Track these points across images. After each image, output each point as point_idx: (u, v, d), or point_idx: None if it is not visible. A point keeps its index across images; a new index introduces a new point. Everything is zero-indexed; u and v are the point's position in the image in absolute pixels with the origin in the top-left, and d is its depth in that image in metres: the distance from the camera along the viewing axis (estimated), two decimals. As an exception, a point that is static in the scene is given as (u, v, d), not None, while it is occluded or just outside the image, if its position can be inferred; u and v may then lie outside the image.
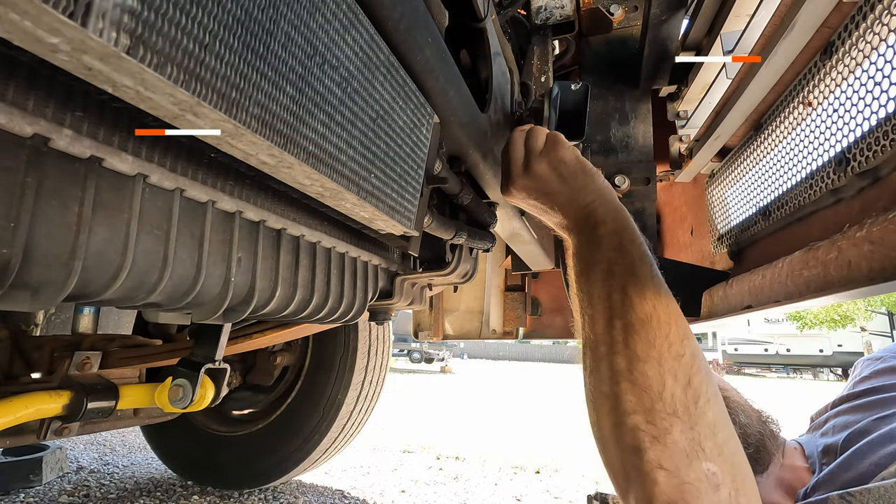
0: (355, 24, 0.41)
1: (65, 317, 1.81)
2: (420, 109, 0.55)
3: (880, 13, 0.56)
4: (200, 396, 0.96)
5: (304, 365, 2.11)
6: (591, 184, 0.67)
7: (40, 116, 0.29)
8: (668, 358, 0.49)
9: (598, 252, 0.59)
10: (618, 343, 0.51)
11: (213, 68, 0.28)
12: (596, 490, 1.66)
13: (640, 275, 0.55)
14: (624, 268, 0.56)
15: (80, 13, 0.20)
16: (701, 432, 0.45)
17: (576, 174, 0.69)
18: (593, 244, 0.61)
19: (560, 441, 4.24)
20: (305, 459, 2.06)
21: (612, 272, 0.56)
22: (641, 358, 0.49)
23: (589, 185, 0.67)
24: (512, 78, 0.94)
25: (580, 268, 0.62)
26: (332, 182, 0.41)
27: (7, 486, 2.17)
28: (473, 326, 2.13)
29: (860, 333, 17.28)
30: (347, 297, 0.70)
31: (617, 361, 0.50)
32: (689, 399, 0.46)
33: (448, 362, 16.71)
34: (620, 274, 0.56)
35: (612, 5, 1.24)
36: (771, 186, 0.90)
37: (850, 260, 0.56)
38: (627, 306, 0.52)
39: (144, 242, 0.38)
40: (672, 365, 0.48)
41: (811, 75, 0.74)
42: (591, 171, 0.69)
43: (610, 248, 0.59)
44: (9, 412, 0.92)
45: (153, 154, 0.37)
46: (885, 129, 0.55)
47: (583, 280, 0.60)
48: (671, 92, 1.26)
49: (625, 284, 0.54)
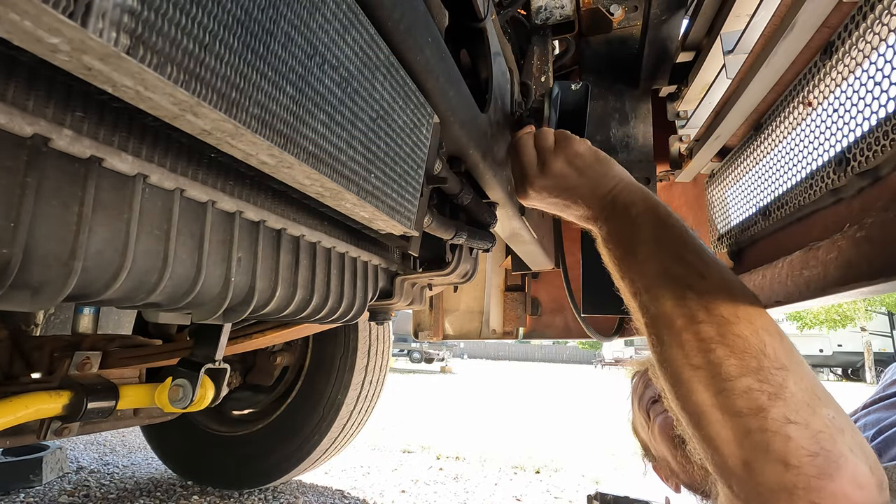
0: (355, 24, 0.41)
1: (65, 317, 1.81)
2: (420, 109, 0.55)
3: (880, 13, 0.56)
4: (200, 396, 0.97)
5: (304, 365, 2.11)
6: (609, 170, 0.68)
7: (40, 116, 0.29)
8: (755, 314, 0.47)
9: (638, 232, 0.59)
10: (697, 312, 0.49)
11: (213, 68, 0.28)
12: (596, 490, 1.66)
13: (692, 242, 0.54)
14: (673, 240, 0.55)
15: (80, 13, 0.20)
16: (810, 380, 0.43)
17: (593, 164, 0.69)
18: (629, 226, 0.60)
19: (560, 441, 4.24)
20: (305, 459, 2.06)
21: (663, 246, 0.55)
22: (731, 320, 0.47)
23: (608, 171, 0.68)
24: (512, 78, 0.94)
25: (621, 252, 0.61)
26: (332, 182, 0.41)
27: (7, 486, 2.17)
28: (473, 326, 2.12)
29: (860, 333, 17.29)
30: (347, 297, 0.70)
31: (703, 330, 0.47)
32: (789, 349, 0.45)
33: (448, 362, 16.72)
34: (672, 246, 0.55)
35: (612, 5, 1.24)
36: (771, 186, 0.90)
37: (850, 260, 0.56)
38: (695, 275, 0.51)
39: (144, 242, 0.38)
40: (762, 321, 0.47)
41: (811, 75, 0.74)
42: (607, 159, 0.70)
43: (650, 225, 0.58)
44: (9, 412, 0.92)
45: (153, 154, 0.37)
46: (885, 128, 0.55)
47: (628, 263, 0.59)
48: (671, 92, 1.26)
49: (681, 254, 0.53)
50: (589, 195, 0.67)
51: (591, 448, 3.95)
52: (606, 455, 3.69)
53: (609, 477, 3.03)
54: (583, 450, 3.89)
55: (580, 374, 19.45)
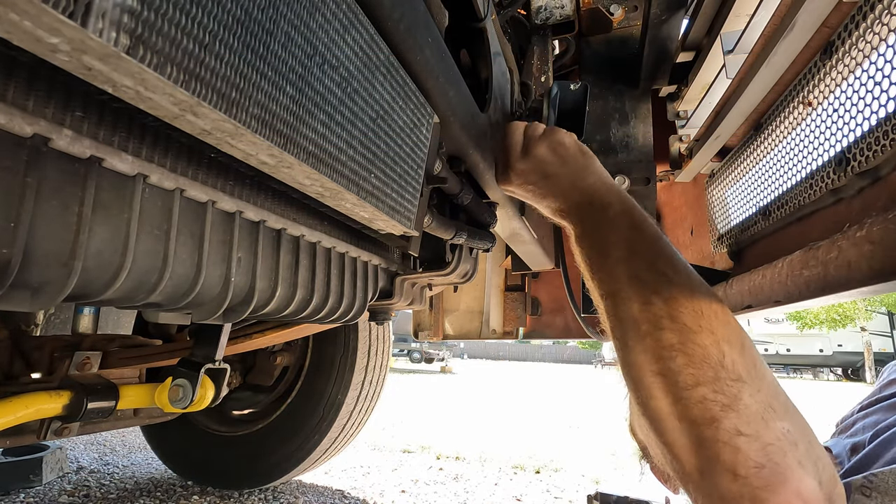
0: (355, 24, 0.41)
1: (65, 317, 1.81)
2: (420, 109, 0.55)
3: (880, 13, 0.56)
4: (200, 396, 0.97)
5: (304, 365, 2.11)
6: (591, 165, 0.68)
7: (40, 116, 0.29)
8: (718, 325, 0.47)
9: (612, 233, 0.58)
10: (662, 318, 0.49)
11: (213, 68, 0.28)
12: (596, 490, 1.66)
13: (664, 249, 0.54)
14: (647, 245, 0.55)
15: (80, 13, 0.20)
16: (767, 392, 0.44)
17: (576, 156, 0.69)
18: (604, 226, 0.60)
19: (560, 441, 4.24)
20: (305, 459, 2.06)
21: (635, 250, 0.55)
22: (693, 329, 0.47)
23: (590, 166, 0.67)
24: (512, 78, 0.94)
25: (593, 251, 0.61)
26: (332, 182, 0.41)
27: (7, 486, 2.17)
28: (473, 326, 2.12)
29: (860, 333, 17.29)
30: (347, 297, 0.70)
31: (666, 337, 0.48)
32: (750, 361, 0.45)
33: (448, 362, 16.72)
34: (645, 251, 0.55)
35: (612, 5, 1.24)
36: (771, 186, 0.90)
37: (850, 260, 0.56)
38: (664, 281, 0.51)
39: (144, 242, 0.38)
40: (724, 332, 0.47)
41: (811, 75, 0.74)
42: (590, 154, 0.70)
43: (624, 227, 0.58)
44: (9, 412, 0.92)
45: (153, 154, 0.37)
46: (885, 128, 0.55)
47: (599, 263, 0.59)
48: (671, 92, 1.26)
49: (653, 260, 0.53)
50: (568, 187, 0.67)
51: (591, 448, 3.95)
52: (606, 455, 3.69)
53: (609, 477, 3.03)
54: (583, 450, 3.89)
55: (580, 374, 19.44)
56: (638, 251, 0.55)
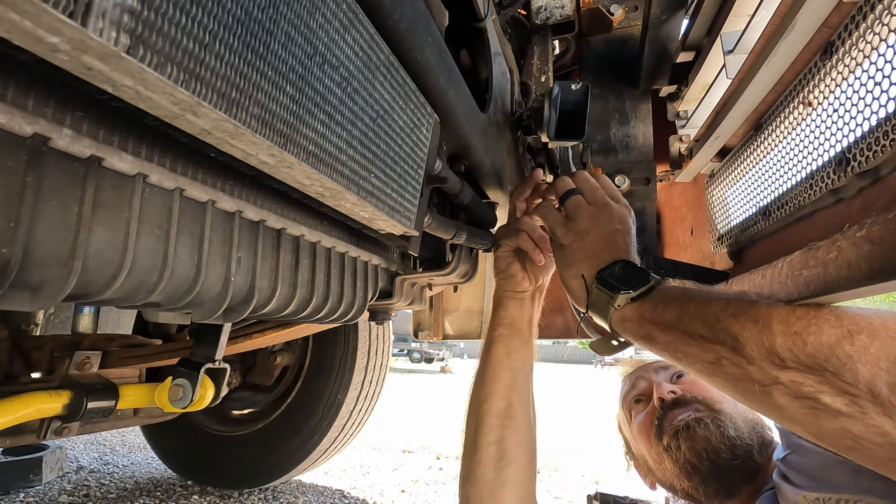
0: (355, 24, 0.41)
1: (64, 316, 1.81)
2: (420, 109, 0.55)
3: (880, 13, 0.56)
4: (200, 396, 0.97)
5: (304, 365, 2.11)
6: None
7: (40, 116, 0.29)
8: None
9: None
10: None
11: (213, 68, 0.28)
12: (596, 490, 1.66)
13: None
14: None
15: (80, 13, 0.20)
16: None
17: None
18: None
19: (560, 441, 4.24)
20: (305, 459, 2.06)
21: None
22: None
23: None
24: (512, 78, 0.94)
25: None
26: (332, 182, 0.41)
27: (7, 486, 2.17)
28: (473, 326, 2.12)
29: (860, 333, 17.25)
30: (347, 296, 0.70)
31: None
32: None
33: (448, 362, 16.73)
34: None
35: (612, 5, 1.24)
36: (771, 186, 0.90)
37: (850, 260, 0.56)
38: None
39: (144, 242, 0.38)
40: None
41: (811, 75, 0.74)
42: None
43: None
44: (9, 412, 0.92)
45: (153, 154, 0.37)
46: (886, 129, 0.55)
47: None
48: (671, 92, 1.26)
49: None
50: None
51: (591, 448, 3.95)
52: (606, 455, 3.69)
53: (609, 477, 3.03)
54: (583, 450, 3.89)
55: (580, 374, 19.42)
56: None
